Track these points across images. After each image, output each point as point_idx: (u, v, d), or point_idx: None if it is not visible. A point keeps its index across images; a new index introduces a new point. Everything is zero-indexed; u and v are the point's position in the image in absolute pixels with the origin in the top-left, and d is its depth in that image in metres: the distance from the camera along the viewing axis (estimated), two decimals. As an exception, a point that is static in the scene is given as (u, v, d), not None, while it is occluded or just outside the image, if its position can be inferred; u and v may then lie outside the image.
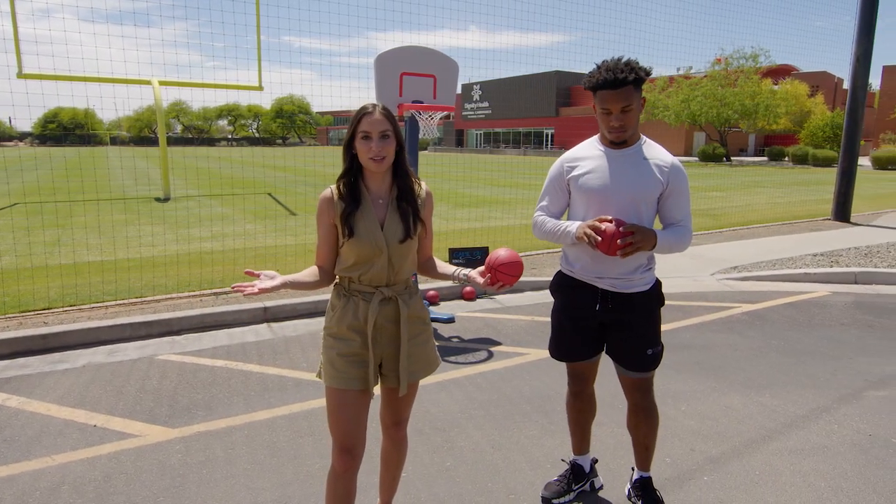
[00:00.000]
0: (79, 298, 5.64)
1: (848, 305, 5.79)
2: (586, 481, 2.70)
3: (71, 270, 6.65)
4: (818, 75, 49.89)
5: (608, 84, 2.14)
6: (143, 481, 2.73)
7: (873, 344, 4.68)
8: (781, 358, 4.37)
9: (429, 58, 4.92)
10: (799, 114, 43.14)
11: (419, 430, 3.24)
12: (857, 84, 11.05)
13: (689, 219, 2.35)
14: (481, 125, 70.74)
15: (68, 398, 3.67)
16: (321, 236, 2.05)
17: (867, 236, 9.55)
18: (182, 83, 15.50)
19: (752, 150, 51.87)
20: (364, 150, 1.93)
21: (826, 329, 5.05)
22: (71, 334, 4.68)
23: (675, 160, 2.33)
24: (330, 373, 2.01)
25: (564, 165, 2.40)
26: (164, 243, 8.71)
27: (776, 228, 10.51)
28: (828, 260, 7.60)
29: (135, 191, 17.22)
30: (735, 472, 2.84)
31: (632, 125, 2.22)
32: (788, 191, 18.64)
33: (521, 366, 4.21)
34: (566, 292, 2.47)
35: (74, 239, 8.93)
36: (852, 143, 11.29)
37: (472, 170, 26.81)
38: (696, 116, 40.53)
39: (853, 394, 3.72)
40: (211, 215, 11.93)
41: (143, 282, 6.24)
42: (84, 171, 24.54)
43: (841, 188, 11.38)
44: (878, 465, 2.91)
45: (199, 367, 4.20)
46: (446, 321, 5.23)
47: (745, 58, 40.34)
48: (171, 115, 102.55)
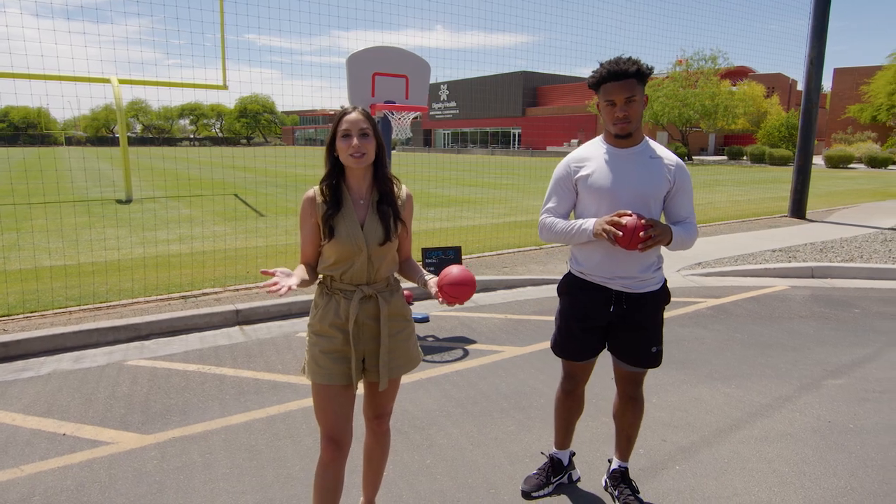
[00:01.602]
0: (40, 304, 5.47)
1: (806, 299, 6.05)
2: (564, 474, 2.77)
3: (31, 275, 6.44)
4: (773, 77, 51.64)
5: (612, 75, 2.21)
6: (119, 489, 2.68)
7: (830, 335, 4.91)
8: (745, 350, 4.54)
9: (401, 58, 4.94)
10: (756, 114, 44.61)
11: (399, 429, 3.26)
12: (811, 86, 11.50)
13: (694, 215, 2.43)
14: (449, 125, 70.87)
15: (35, 407, 3.57)
16: (305, 235, 2.08)
17: (822, 232, 9.95)
18: (143, 81, 15.12)
19: (713, 150, 53.37)
20: (344, 146, 1.98)
21: (786, 322, 5.26)
22: (34, 341, 4.54)
23: (678, 159, 2.40)
24: (314, 369, 2.06)
25: (571, 166, 2.41)
26: (128, 246, 8.49)
27: (737, 225, 10.86)
28: (786, 255, 7.90)
29: (95, 192, 16.70)
30: (705, 461, 2.95)
31: (636, 117, 2.26)
32: (747, 189, 19.26)
33: (496, 363, 4.27)
34: (577, 294, 2.48)
35: (32, 243, 8.62)
36: (807, 142, 11.74)
37: (440, 170, 26.86)
38: (658, 117, 41.49)
39: (813, 383, 3.90)
40: (177, 217, 11.67)
41: (107, 286, 6.08)
42: (41, 173, 23.66)
43: (797, 186, 11.82)
44: (837, 450, 3.06)
45: (171, 371, 4.13)
46: (421, 321, 5.26)
47: (704, 59, 41.53)
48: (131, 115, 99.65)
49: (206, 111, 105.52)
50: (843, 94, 47.50)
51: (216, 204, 14.23)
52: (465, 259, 7.58)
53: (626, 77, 2.21)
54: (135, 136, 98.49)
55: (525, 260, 7.63)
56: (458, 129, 69.66)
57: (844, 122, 44.72)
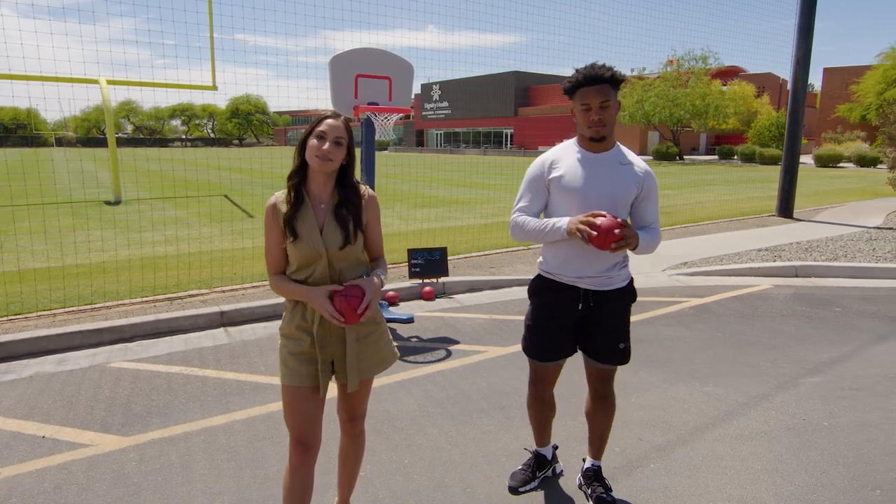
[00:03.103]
0: (24, 307, 5.45)
1: (788, 298, 6.11)
2: (549, 468, 2.82)
3: (15, 278, 6.41)
4: (764, 76, 52.00)
5: (587, 81, 2.27)
6: (97, 491, 2.69)
7: (810, 333, 4.96)
8: (726, 349, 4.59)
9: (384, 59, 4.96)
10: (746, 114, 44.89)
11: (378, 429, 3.28)
12: (798, 85, 11.60)
13: (658, 221, 2.50)
14: (441, 125, 70.89)
15: (16, 410, 3.56)
16: (272, 244, 2.10)
17: (808, 231, 10.05)
18: (132, 82, 15.05)
19: (704, 149, 53.66)
20: (315, 146, 2.00)
21: (768, 321, 5.32)
22: (16, 344, 4.52)
23: (647, 166, 2.47)
24: (283, 371, 2.10)
25: (545, 166, 2.46)
26: (114, 248, 8.46)
27: (724, 225, 10.94)
28: (771, 255, 7.97)
29: (83, 194, 16.60)
30: (679, 459, 2.99)
31: (610, 121, 2.32)
32: (736, 188, 19.39)
33: (479, 363, 4.29)
34: (547, 295, 2.53)
35: (18, 245, 8.58)
36: (794, 141, 11.84)
37: (431, 170, 26.88)
38: (649, 116, 41.68)
39: (790, 381, 3.95)
40: (164, 218, 11.63)
41: (92, 288, 6.06)
42: (28, 174, 23.50)
43: (784, 185, 11.92)
44: (810, 447, 3.10)
45: (154, 373, 4.13)
46: (405, 321, 5.28)
47: (695, 59, 41.72)
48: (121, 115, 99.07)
49: (198, 111, 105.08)
50: (832, 93, 47.88)
51: (205, 205, 14.19)
52: (453, 259, 7.60)
53: (601, 82, 2.27)
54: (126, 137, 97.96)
55: (512, 260, 7.66)
56: (450, 129, 69.67)
57: (834, 121, 45.06)
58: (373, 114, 4.83)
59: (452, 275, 6.69)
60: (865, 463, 2.96)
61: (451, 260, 7.59)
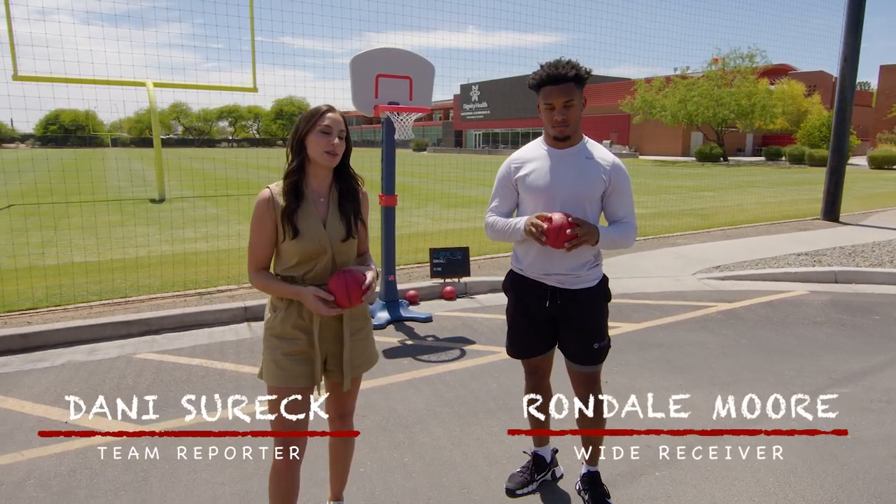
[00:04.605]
0: (63, 299, 5.71)
1: (824, 304, 5.85)
2: (548, 471, 2.78)
3: (60, 271, 6.73)
4: (815, 75, 49.88)
5: (551, 80, 2.24)
6: (107, 476, 2.80)
7: (843, 342, 4.74)
8: (750, 356, 4.43)
9: (404, 59, 4.99)
10: (796, 113, 43.11)
11: (383, 426, 3.30)
12: (845, 83, 11.10)
13: (633, 215, 2.44)
14: (480, 125, 70.79)
15: (45, 396, 3.74)
16: (262, 239, 2.03)
17: (854, 236, 9.60)
18: (176, 85, 15.58)
19: (750, 150, 51.90)
20: (322, 142, 1.97)
21: (798, 327, 5.11)
22: (52, 333, 4.75)
23: (616, 159, 2.41)
24: (275, 372, 2.03)
25: (511, 166, 2.47)
26: (153, 244, 8.79)
27: (764, 228, 10.56)
28: (811, 259, 7.65)
29: (130, 192, 17.30)
30: (687, 468, 2.90)
31: (573, 120, 2.30)
32: (781, 190, 18.69)
33: (492, 364, 4.27)
34: (517, 291, 2.54)
35: (66, 240, 9.00)
36: (841, 141, 11.34)
37: (466, 170, 26.87)
38: (692, 117, 40.57)
39: (815, 391, 3.78)
40: (203, 216, 12.01)
41: (128, 282, 6.31)
42: (81, 173, 24.62)
43: (830, 188, 11.42)
44: (828, 461, 2.97)
45: (176, 365, 4.27)
46: (423, 320, 5.29)
47: (741, 58, 40.38)
48: (172, 117, 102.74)
49: (244, 113, 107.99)
50: (889, 91, 45.60)
51: (244, 204, 14.56)
52: (477, 260, 7.59)
53: (564, 81, 2.23)
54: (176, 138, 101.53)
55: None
56: (488, 129, 69.51)
57: (891, 121, 42.84)
58: (393, 113, 4.87)
59: (477, 275, 6.68)
60: (888, 479, 2.81)
61: (476, 260, 7.57)
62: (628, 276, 6.85)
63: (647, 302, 5.89)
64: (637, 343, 4.69)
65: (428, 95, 5.16)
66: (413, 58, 5.04)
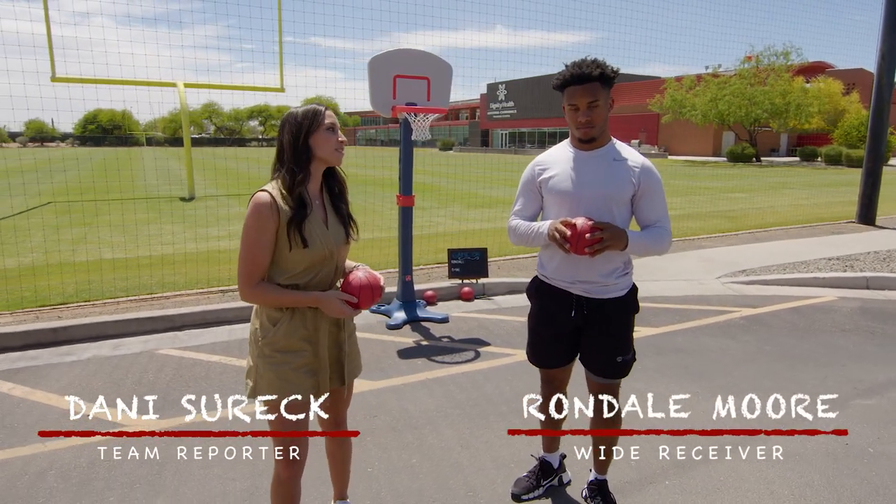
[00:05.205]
0: (92, 294, 5.89)
1: (853, 311, 5.67)
2: (555, 476, 2.75)
3: (91, 267, 6.93)
4: (854, 73, 48.27)
5: (575, 80, 2.17)
6: (124, 469, 2.88)
7: (871, 351, 4.59)
8: (771, 363, 4.32)
9: (422, 60, 5.00)
10: (833, 112, 41.76)
11: (393, 427, 3.32)
12: (883, 81, 10.74)
13: (667, 219, 2.33)
14: (506, 125, 70.50)
15: (70, 389, 3.87)
16: (263, 248, 1.88)
17: (890, 240, 9.27)
18: (205, 85, 15.90)
19: (785, 150, 50.53)
20: (332, 139, 1.92)
21: (825, 335, 4.96)
22: (80, 328, 4.90)
23: (646, 161, 2.32)
24: (281, 387, 1.95)
25: (535, 168, 2.40)
26: (181, 242, 8.99)
27: (795, 231, 10.28)
28: (842, 264, 7.42)
29: (162, 190, 17.72)
30: (699, 477, 2.85)
31: (599, 122, 2.22)
32: (815, 192, 18.17)
33: (506, 366, 4.26)
34: (542, 298, 2.46)
35: (98, 237, 9.27)
36: (877, 142, 10.97)
37: (491, 170, 26.80)
38: (724, 116, 39.68)
39: (839, 401, 3.67)
40: (230, 214, 12.23)
41: (154, 279, 6.47)
42: (119, 172, 25.31)
43: (866, 190, 11.06)
44: (848, 475, 2.88)
45: (196, 361, 4.37)
46: (440, 321, 5.30)
47: (775, 55, 39.32)
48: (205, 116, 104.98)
49: (273, 112, 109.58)
50: (935, 90, 43.80)
51: (270, 202, 14.77)
52: (497, 261, 7.56)
53: (589, 81, 2.16)
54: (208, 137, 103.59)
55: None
56: (515, 129, 69.17)
57: (936, 121, 41.19)
58: (410, 114, 4.89)
59: (496, 276, 6.66)
60: (910, 495, 2.71)
61: (497, 261, 7.55)
62: (650, 280, 6.74)
63: (668, 306, 5.80)
64: (654, 348, 4.62)
65: (446, 96, 5.17)
66: (431, 58, 5.05)
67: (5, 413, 3.49)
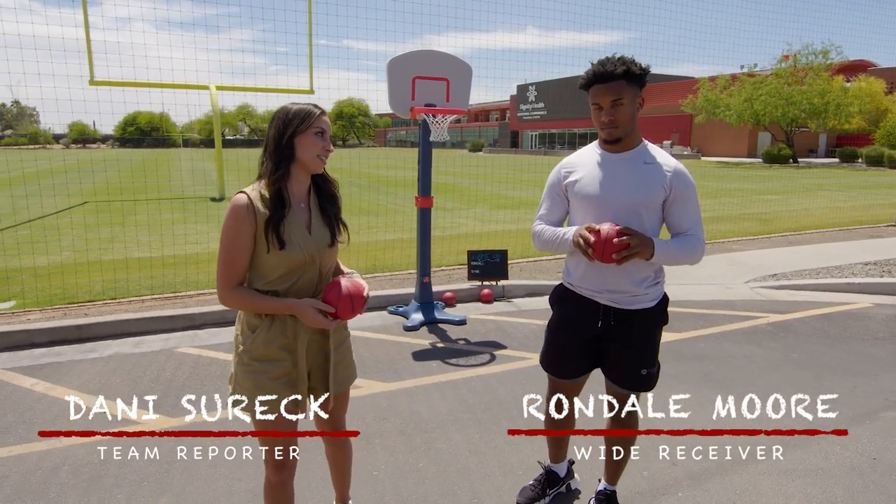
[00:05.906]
0: (118, 292, 6.03)
1: (888, 318, 5.42)
2: (562, 485, 2.69)
3: (119, 266, 7.10)
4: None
5: (598, 78, 2.09)
6: (134, 466, 2.92)
7: (907, 361, 4.38)
8: (798, 372, 4.16)
9: (442, 61, 4.97)
10: (874, 112, 40.22)
11: (402, 430, 3.29)
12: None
13: (700, 227, 2.20)
14: (536, 126, 70.05)
15: (90, 385, 3.95)
16: (241, 251, 1.84)
17: (932, 245, 8.87)
18: (236, 87, 16.19)
19: (823, 151, 48.95)
20: (318, 144, 1.86)
21: (857, 343, 4.75)
22: (103, 325, 5.02)
23: (679, 165, 2.20)
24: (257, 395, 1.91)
25: (561, 171, 2.31)
26: (208, 241, 9.15)
27: (831, 234, 9.92)
28: (879, 269, 7.12)
29: (193, 191, 18.10)
30: (714, 490, 2.74)
31: (624, 121, 2.11)
32: (855, 194, 17.52)
33: (521, 370, 4.19)
34: (566, 306, 2.36)
35: (129, 236, 9.51)
36: (920, 144, 10.51)
37: (520, 171, 26.62)
38: (759, 116, 38.63)
39: (867, 413, 3.50)
40: (257, 215, 12.39)
41: (178, 278, 6.59)
42: (156, 172, 25.99)
43: (907, 192, 10.61)
44: (874, 491, 2.73)
45: (213, 360, 4.42)
46: (457, 323, 5.26)
47: (814, 54, 38.11)
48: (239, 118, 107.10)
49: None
50: None
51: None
52: (519, 263, 7.49)
53: (612, 79, 2.06)
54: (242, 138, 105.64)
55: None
56: (545, 130, 68.67)
57: None
58: (428, 115, 4.86)
59: (517, 278, 6.59)
60: (942, 515, 2.56)
61: (518, 263, 7.48)
62: (676, 283, 6.58)
63: (692, 310, 5.64)
64: (674, 353, 4.49)
65: (465, 97, 5.13)
66: (450, 59, 5.02)
67: (25, 409, 3.58)
